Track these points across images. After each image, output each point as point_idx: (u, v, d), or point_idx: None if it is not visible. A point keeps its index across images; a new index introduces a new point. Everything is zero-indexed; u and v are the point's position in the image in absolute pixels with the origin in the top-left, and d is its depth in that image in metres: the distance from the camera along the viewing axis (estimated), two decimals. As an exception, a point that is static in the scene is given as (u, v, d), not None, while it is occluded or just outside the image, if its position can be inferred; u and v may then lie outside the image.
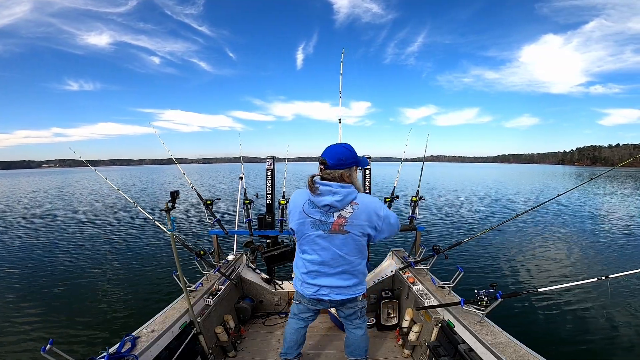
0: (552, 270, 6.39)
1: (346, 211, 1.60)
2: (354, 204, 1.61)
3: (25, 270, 6.15)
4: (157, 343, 1.83)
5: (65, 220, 11.42)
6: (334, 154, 1.63)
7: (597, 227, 10.51)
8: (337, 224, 1.62)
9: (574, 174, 59.01)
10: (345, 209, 1.60)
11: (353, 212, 1.60)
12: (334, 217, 1.61)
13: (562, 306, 4.75)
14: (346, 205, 1.60)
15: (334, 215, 1.61)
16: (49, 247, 7.92)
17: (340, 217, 1.61)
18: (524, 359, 1.61)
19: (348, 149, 1.67)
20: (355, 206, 1.61)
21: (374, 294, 3.15)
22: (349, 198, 1.60)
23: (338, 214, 1.61)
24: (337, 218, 1.61)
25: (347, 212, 1.60)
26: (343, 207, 1.60)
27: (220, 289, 2.65)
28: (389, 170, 41.30)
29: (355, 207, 1.61)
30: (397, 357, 2.53)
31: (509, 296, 1.91)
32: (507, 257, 7.13)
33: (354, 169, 1.68)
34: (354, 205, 1.61)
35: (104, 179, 3.13)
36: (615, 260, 7.22)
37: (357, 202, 1.61)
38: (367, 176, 3.33)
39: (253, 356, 2.53)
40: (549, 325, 4.28)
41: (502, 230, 8.89)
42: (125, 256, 7.05)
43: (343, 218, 1.61)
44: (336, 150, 1.65)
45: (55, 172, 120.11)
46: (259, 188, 3.62)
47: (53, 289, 5.28)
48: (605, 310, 4.62)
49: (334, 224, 1.62)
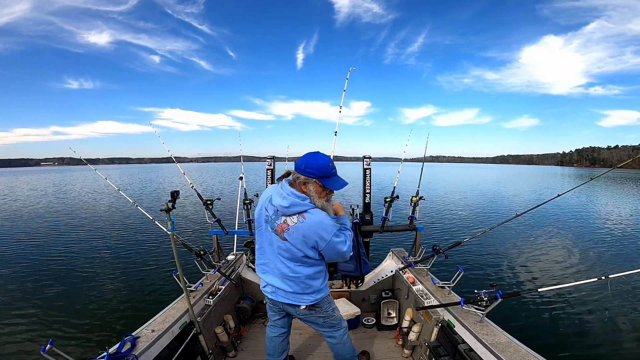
0: (552, 270, 6.39)
1: (291, 220, 1.55)
2: (302, 216, 1.54)
3: (25, 270, 6.15)
4: (157, 343, 1.83)
5: (65, 220, 11.42)
6: (303, 159, 1.58)
7: (597, 227, 10.52)
8: (281, 228, 1.58)
9: (573, 175, 59.13)
10: (291, 218, 1.55)
11: (296, 224, 1.54)
12: (280, 221, 1.58)
13: (562, 306, 4.75)
14: (292, 215, 1.55)
15: (281, 219, 1.58)
16: (48, 246, 7.91)
17: (285, 223, 1.57)
18: (524, 359, 1.61)
19: (319, 162, 1.56)
20: (301, 219, 1.54)
21: (374, 294, 3.15)
22: (296, 209, 1.54)
23: (284, 219, 1.57)
24: (282, 222, 1.57)
25: (291, 221, 1.55)
26: (289, 215, 1.55)
27: (220, 289, 2.65)
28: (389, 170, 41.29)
29: (300, 221, 1.54)
30: (397, 357, 2.53)
31: (509, 296, 1.91)
32: (507, 257, 7.14)
33: (315, 183, 1.57)
34: (300, 218, 1.54)
35: (103, 179, 3.13)
36: (615, 260, 7.22)
37: (305, 217, 1.54)
38: (368, 176, 3.33)
39: (253, 356, 2.53)
40: (549, 325, 4.28)
41: (502, 230, 8.89)
42: (125, 256, 7.05)
43: (286, 225, 1.56)
44: (307, 157, 1.59)
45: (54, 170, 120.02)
46: (258, 187, 3.63)
47: (53, 289, 5.28)
48: (605, 310, 4.62)
49: (278, 227, 1.59)
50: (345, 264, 2.96)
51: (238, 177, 3.81)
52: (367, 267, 3.06)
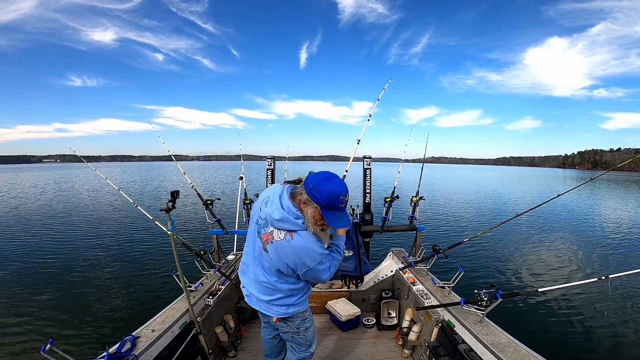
0: (552, 270, 6.39)
1: (278, 234, 1.43)
2: (290, 235, 1.42)
3: (25, 270, 6.15)
4: (157, 343, 1.83)
5: (64, 219, 11.41)
6: (315, 179, 1.40)
7: (597, 228, 10.52)
8: (266, 238, 1.48)
9: (575, 178, 58.95)
10: (279, 232, 1.43)
11: (282, 241, 1.42)
12: (268, 230, 1.47)
13: (562, 306, 4.75)
14: (281, 229, 1.43)
15: (269, 228, 1.46)
16: (48, 246, 7.91)
17: (271, 234, 1.45)
18: (524, 359, 1.61)
19: (329, 190, 1.36)
20: (288, 237, 1.42)
21: (374, 294, 3.15)
22: (285, 225, 1.41)
23: (271, 229, 1.45)
24: (269, 233, 1.46)
25: (278, 235, 1.43)
26: (277, 228, 1.44)
27: (221, 289, 2.65)
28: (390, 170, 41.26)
29: (287, 239, 1.42)
30: (397, 357, 2.53)
31: (509, 296, 1.91)
32: (507, 257, 7.14)
33: (315, 208, 1.39)
34: (288, 236, 1.42)
35: (104, 178, 3.12)
36: (615, 260, 7.22)
37: (293, 237, 1.42)
38: (368, 176, 3.33)
39: (253, 356, 2.53)
40: (549, 325, 4.28)
41: (503, 230, 8.90)
42: (125, 256, 7.05)
43: (272, 237, 1.45)
44: (320, 178, 1.40)
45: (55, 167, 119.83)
46: (259, 187, 3.62)
47: (53, 288, 5.28)
48: (605, 310, 4.62)
49: (264, 235, 1.48)
50: (345, 264, 2.97)
51: (238, 178, 3.81)
52: (367, 267, 3.06)
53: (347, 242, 3.01)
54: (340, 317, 2.81)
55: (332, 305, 2.95)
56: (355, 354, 2.56)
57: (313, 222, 1.40)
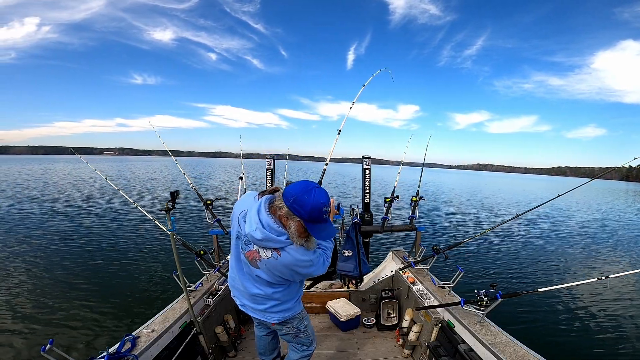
0: (552, 270, 6.39)
1: (264, 252, 1.37)
2: (277, 252, 1.36)
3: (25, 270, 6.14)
4: (157, 343, 1.83)
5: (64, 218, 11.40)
6: (294, 190, 1.30)
7: (597, 228, 10.51)
8: (252, 256, 1.41)
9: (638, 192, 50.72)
10: (264, 250, 1.37)
11: (269, 259, 1.37)
12: (252, 248, 1.40)
13: (562, 306, 4.75)
14: (265, 248, 1.37)
15: (253, 246, 1.39)
16: (47, 246, 7.91)
17: (257, 252, 1.39)
18: (523, 359, 1.61)
19: (310, 203, 1.26)
20: (275, 255, 1.36)
21: (374, 294, 3.15)
22: (269, 244, 1.34)
23: (256, 248, 1.38)
24: (255, 251, 1.39)
25: (264, 254, 1.37)
26: (261, 247, 1.37)
27: (221, 289, 2.65)
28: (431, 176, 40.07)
29: (274, 257, 1.36)
30: (397, 357, 2.52)
31: (509, 296, 1.91)
32: (507, 257, 7.14)
33: (298, 222, 1.31)
34: (275, 254, 1.36)
35: (103, 178, 3.11)
36: (615, 260, 7.22)
37: (281, 254, 1.36)
38: (367, 176, 3.33)
39: (253, 356, 2.53)
40: (549, 325, 4.28)
41: (503, 230, 8.90)
42: (125, 256, 7.04)
43: (259, 255, 1.39)
44: (300, 190, 1.29)
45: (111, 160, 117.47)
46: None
47: (52, 288, 5.28)
48: (605, 310, 4.62)
49: (249, 253, 1.42)
50: (345, 264, 2.97)
51: (238, 178, 3.81)
52: (366, 267, 3.06)
53: (347, 242, 3.01)
54: (340, 317, 2.81)
55: (332, 306, 2.95)
56: (355, 354, 2.56)
57: (297, 235, 1.34)
